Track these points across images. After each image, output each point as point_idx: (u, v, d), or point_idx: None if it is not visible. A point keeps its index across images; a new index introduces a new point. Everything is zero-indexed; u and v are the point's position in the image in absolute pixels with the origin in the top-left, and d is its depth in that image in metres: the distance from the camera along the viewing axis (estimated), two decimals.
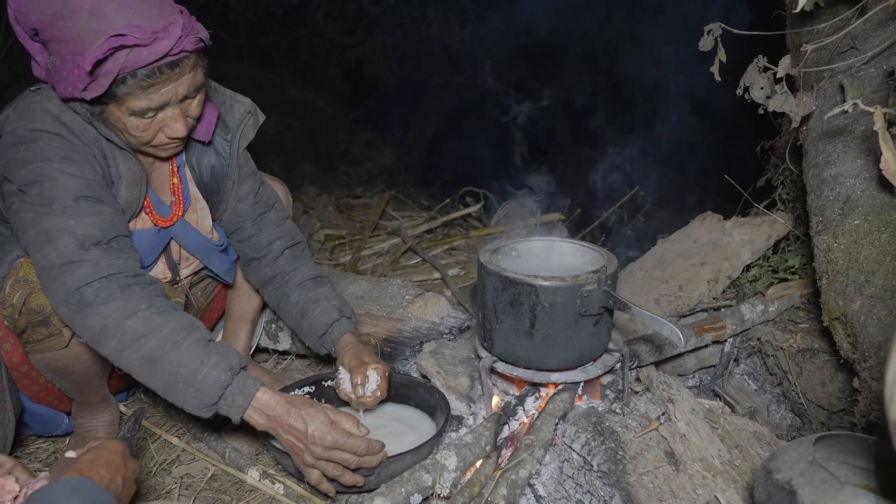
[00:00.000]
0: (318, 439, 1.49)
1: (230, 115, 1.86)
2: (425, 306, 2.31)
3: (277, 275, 1.97)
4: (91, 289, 1.44)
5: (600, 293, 1.63)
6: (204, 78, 1.59)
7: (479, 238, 3.87)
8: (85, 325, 1.46)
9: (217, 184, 1.87)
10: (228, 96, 1.87)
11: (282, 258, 1.97)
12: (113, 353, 1.47)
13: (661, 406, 1.72)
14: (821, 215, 1.88)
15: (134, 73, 1.43)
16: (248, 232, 1.95)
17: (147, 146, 1.61)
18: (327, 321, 1.89)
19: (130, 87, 1.45)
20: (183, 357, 1.46)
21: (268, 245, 1.96)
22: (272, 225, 1.97)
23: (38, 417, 1.88)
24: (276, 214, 1.99)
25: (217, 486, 1.78)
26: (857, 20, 1.96)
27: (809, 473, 1.15)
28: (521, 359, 1.73)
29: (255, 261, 1.98)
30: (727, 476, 1.54)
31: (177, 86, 1.50)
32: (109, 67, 1.41)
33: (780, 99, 1.98)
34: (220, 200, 1.89)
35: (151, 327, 1.46)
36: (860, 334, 1.65)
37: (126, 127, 1.54)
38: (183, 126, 1.57)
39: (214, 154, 1.85)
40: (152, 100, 1.49)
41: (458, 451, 1.62)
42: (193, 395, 1.46)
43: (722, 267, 2.43)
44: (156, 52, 1.42)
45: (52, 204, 1.47)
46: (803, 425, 2.13)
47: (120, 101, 1.48)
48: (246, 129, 1.88)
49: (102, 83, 1.42)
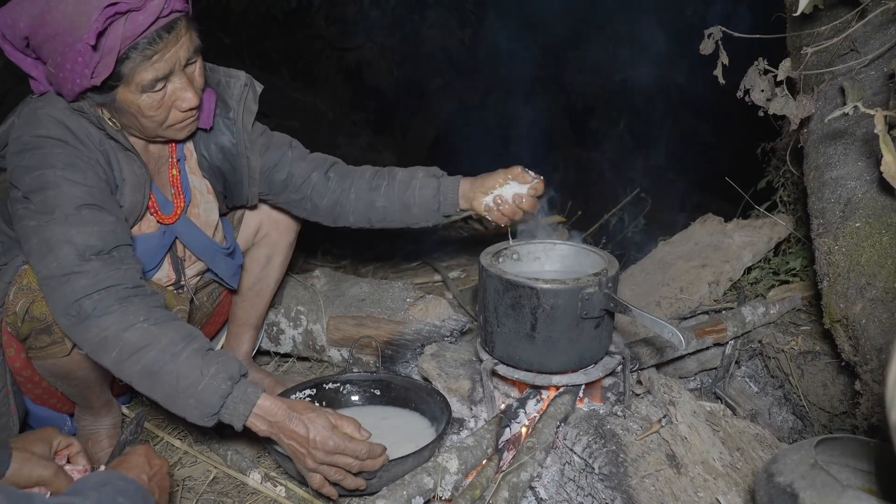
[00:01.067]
0: (319, 444, 1.49)
1: (228, 93, 1.85)
2: (426, 309, 2.31)
3: (338, 201, 1.97)
4: (90, 301, 1.44)
5: (601, 296, 1.63)
6: (199, 41, 1.60)
7: (479, 240, 3.86)
8: (84, 338, 1.46)
9: (231, 164, 1.87)
10: (223, 73, 1.86)
11: (330, 185, 1.97)
12: (113, 365, 1.46)
13: (663, 408, 1.72)
14: (822, 218, 1.89)
15: (135, 44, 1.45)
16: (285, 182, 1.95)
17: (163, 128, 1.62)
18: (431, 193, 1.93)
19: (135, 60, 1.47)
20: (182, 368, 1.45)
21: (305, 181, 1.95)
22: (297, 160, 1.96)
23: (41, 420, 1.88)
24: (295, 151, 1.98)
25: (219, 488, 1.79)
26: (857, 23, 1.97)
27: (811, 476, 1.15)
28: (523, 361, 1.73)
29: (308, 201, 1.97)
30: (728, 479, 1.54)
31: (178, 49, 1.52)
32: (111, 43, 1.42)
33: (780, 102, 1.99)
34: (239, 180, 1.89)
35: (150, 339, 1.45)
36: (861, 337, 1.65)
37: (140, 109, 1.55)
38: (193, 94, 1.59)
39: (221, 136, 1.85)
40: (158, 68, 1.50)
41: (460, 454, 1.62)
42: (194, 406, 1.46)
43: (723, 269, 2.43)
44: (150, 13, 1.43)
45: (54, 212, 1.48)
46: (805, 428, 2.13)
47: (128, 81, 1.50)
48: (248, 103, 1.87)
49: (108, 62, 1.43)
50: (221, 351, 1.57)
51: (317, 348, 2.38)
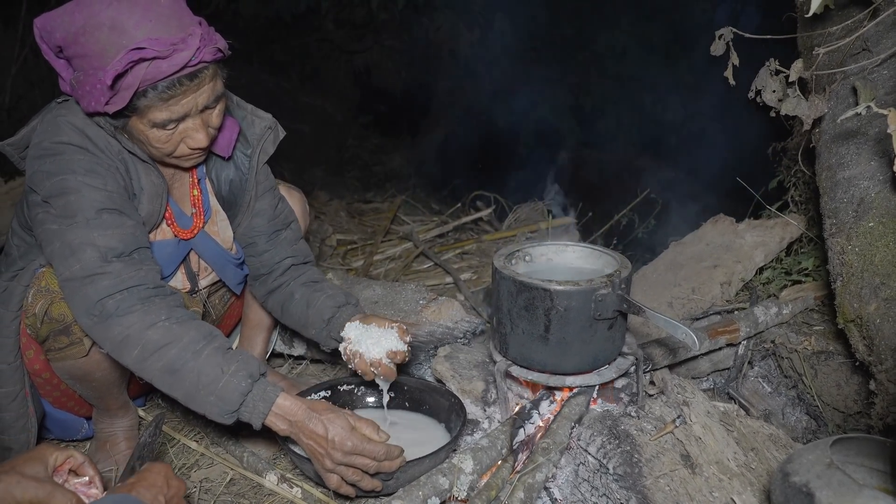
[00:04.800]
0: (338, 444, 1.51)
1: (251, 130, 1.88)
2: (439, 311, 2.32)
3: (282, 284, 1.96)
4: (112, 300, 1.47)
5: (614, 297, 1.64)
6: (223, 88, 1.62)
7: (491, 242, 3.87)
8: (106, 336, 1.48)
9: (235, 198, 1.89)
10: (250, 111, 1.89)
11: (289, 271, 1.97)
12: (134, 363, 1.49)
13: (676, 409, 1.73)
14: (834, 217, 1.89)
15: (154, 85, 1.46)
16: (262, 248, 1.94)
17: (170, 157, 1.64)
18: (334, 305, 1.86)
19: (151, 99, 1.47)
20: (203, 366, 1.48)
21: (279, 262, 1.95)
22: (287, 244, 1.97)
23: (59, 422, 1.91)
24: (291, 234, 1.99)
25: (236, 490, 1.80)
26: (869, 22, 1.97)
27: (827, 476, 1.15)
28: (536, 363, 1.74)
29: (263, 276, 1.97)
30: (743, 479, 1.54)
31: (196, 97, 1.53)
32: (130, 81, 1.44)
33: (792, 102, 1.99)
34: (236, 213, 1.91)
35: (171, 337, 1.48)
36: (876, 337, 1.65)
37: (148, 139, 1.56)
38: (204, 136, 1.60)
39: (234, 168, 1.87)
40: (173, 111, 1.51)
41: (475, 455, 1.63)
42: (215, 403, 1.48)
43: (735, 269, 2.44)
44: (175, 63, 1.44)
45: (75, 216, 1.50)
46: (819, 428, 2.12)
47: (141, 114, 1.51)
48: (266, 144, 1.90)
49: (124, 97, 1.45)
50: (241, 350, 1.60)
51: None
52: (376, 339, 1.74)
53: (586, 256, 1.94)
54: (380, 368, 1.73)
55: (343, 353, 1.77)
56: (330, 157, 6.54)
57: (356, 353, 1.74)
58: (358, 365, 1.74)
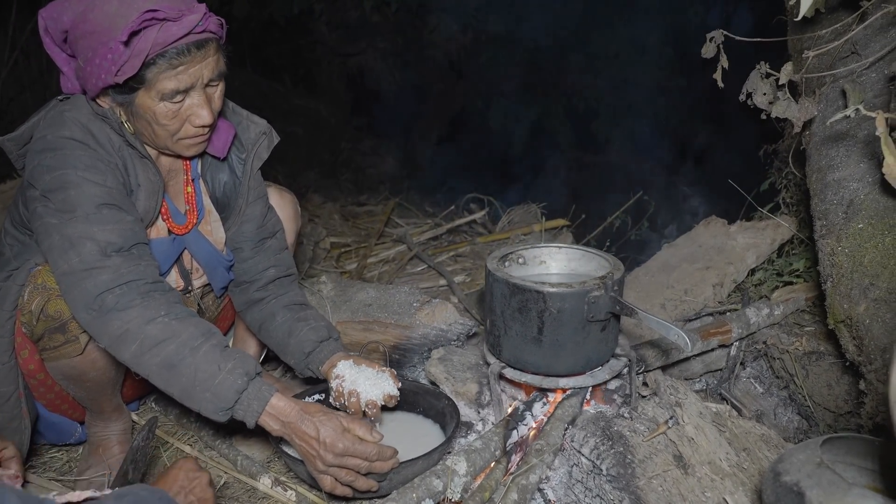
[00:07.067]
0: (329, 446, 1.51)
1: (246, 135, 1.89)
2: (433, 313, 2.33)
3: (264, 298, 1.97)
4: (112, 295, 1.48)
5: (607, 299, 1.65)
6: (225, 68, 1.64)
7: (484, 244, 3.88)
8: (105, 331, 1.49)
9: (229, 200, 1.90)
10: (245, 116, 1.91)
11: (272, 284, 1.97)
12: (132, 357, 1.50)
13: (669, 410, 1.73)
14: (825, 219, 1.90)
15: (164, 52, 1.48)
16: (247, 254, 1.95)
17: (174, 139, 1.65)
18: (316, 339, 1.89)
19: (160, 67, 1.50)
20: (200, 362, 1.49)
21: (262, 271, 1.96)
22: (271, 252, 1.98)
23: (52, 426, 1.90)
24: (276, 242, 2.00)
25: (230, 493, 1.80)
26: (857, 26, 1.99)
27: (817, 475, 1.16)
28: (530, 364, 1.75)
29: (245, 283, 1.98)
30: (735, 479, 1.56)
31: (202, 68, 1.56)
32: (142, 45, 1.46)
33: (782, 105, 2.01)
34: (228, 216, 1.92)
35: (170, 333, 1.49)
36: (865, 337, 1.66)
37: (155, 116, 1.58)
38: (208, 113, 1.61)
39: (229, 171, 1.89)
40: (180, 80, 1.53)
41: (468, 457, 1.63)
42: (210, 400, 1.49)
43: (727, 271, 2.45)
44: (184, 26, 1.48)
45: (75, 210, 1.51)
46: (810, 428, 2.14)
47: (149, 86, 1.53)
48: (260, 149, 1.91)
49: (135, 63, 1.47)
50: (238, 349, 1.60)
51: None
52: (374, 381, 1.77)
53: (579, 259, 1.95)
54: (375, 410, 1.75)
55: (334, 390, 1.79)
56: (323, 159, 6.53)
57: (353, 392, 1.76)
58: (352, 404, 1.75)
